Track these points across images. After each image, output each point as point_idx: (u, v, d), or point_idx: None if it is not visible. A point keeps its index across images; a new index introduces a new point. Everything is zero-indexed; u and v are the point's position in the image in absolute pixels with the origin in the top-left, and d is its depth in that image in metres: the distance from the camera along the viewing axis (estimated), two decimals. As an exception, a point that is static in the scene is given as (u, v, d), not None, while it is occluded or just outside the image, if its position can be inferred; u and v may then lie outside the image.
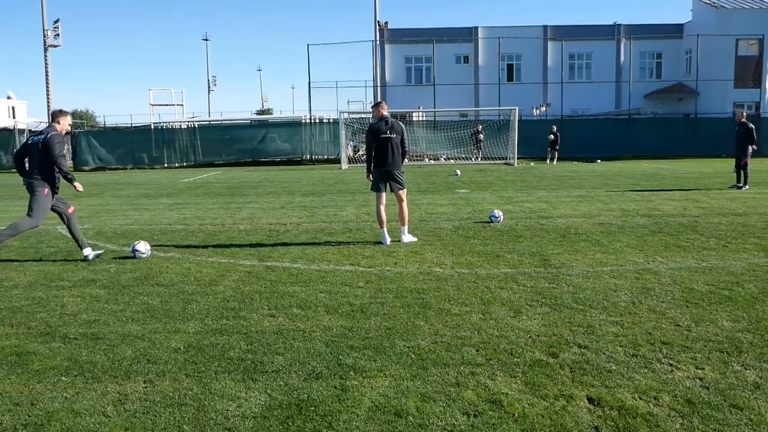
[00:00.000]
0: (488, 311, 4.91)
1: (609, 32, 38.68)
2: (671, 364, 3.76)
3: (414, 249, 7.58)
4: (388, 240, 7.99)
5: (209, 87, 68.51)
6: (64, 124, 7.22)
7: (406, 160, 8.13)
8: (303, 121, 34.82)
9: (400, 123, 8.09)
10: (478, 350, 4.05)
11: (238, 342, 4.29)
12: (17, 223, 7.00)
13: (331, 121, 34.10)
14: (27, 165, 7.12)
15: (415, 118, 34.35)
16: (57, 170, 7.04)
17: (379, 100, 8.37)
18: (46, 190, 7.03)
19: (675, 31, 38.82)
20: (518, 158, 27.56)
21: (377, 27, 38.58)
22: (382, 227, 8.10)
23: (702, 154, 30.53)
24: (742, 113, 15.36)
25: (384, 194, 8.20)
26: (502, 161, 28.62)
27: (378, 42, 38.08)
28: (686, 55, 38.06)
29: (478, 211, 11.26)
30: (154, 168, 31.64)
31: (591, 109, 37.39)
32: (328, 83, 36.40)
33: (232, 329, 4.56)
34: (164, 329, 4.60)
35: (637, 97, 37.25)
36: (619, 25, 38.71)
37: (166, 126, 36.35)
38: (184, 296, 5.53)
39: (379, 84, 38.13)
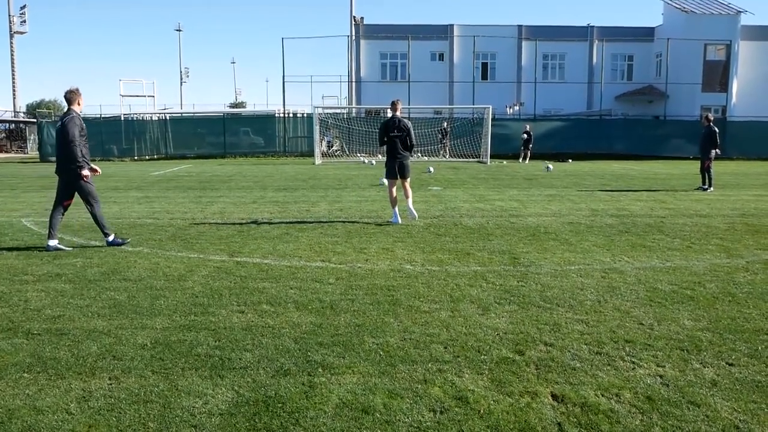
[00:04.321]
0: (457, 309, 4.96)
1: (582, 34, 39.21)
2: (633, 362, 3.85)
3: (385, 246, 7.60)
4: (399, 220, 9.42)
5: (182, 79, 67.61)
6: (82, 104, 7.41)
7: (413, 152, 9.68)
8: (277, 115, 34.63)
9: (407, 121, 9.63)
10: (446, 347, 4.09)
11: (206, 338, 4.26)
12: (95, 213, 7.50)
13: (305, 115, 33.94)
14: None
15: (389, 115, 34.31)
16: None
17: (395, 99, 10.14)
18: (84, 176, 7.33)
19: (646, 34, 39.53)
20: (491, 157, 27.79)
21: (353, 22, 38.47)
22: (393, 207, 9.53)
23: (670, 156, 31.19)
24: (708, 117, 15.72)
25: (396, 181, 9.63)
26: (475, 159, 28.83)
27: (353, 37, 37.97)
28: (656, 58, 38.78)
29: (450, 208, 11.33)
30: (123, 160, 31.08)
31: (563, 109, 37.86)
32: (303, 77, 36.32)
33: (200, 325, 4.53)
34: (131, 325, 4.55)
35: (608, 98, 37.85)
36: (592, 27, 39.25)
37: (137, 118, 35.76)
38: (151, 291, 5.47)
39: (354, 79, 38.05)
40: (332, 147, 32.88)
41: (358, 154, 30.01)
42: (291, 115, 35.04)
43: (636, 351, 4.04)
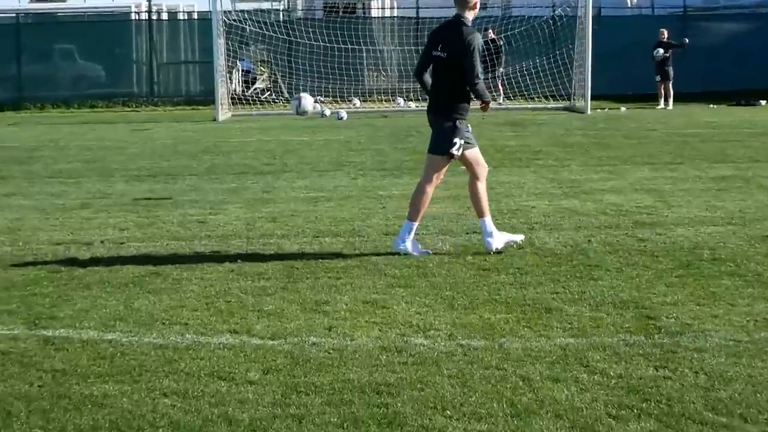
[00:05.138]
0: (528, 430, 4.89)
1: None
2: None
3: (370, 296, 7.62)
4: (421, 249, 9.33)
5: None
6: None
7: (469, 103, 9.48)
8: (134, 16, 34.64)
9: (469, 33, 9.17)
10: None
11: None
12: None
13: (197, 17, 34.02)
14: None
15: (374, 14, 34.46)
16: None
17: None
18: None
19: None
20: (593, 98, 27.82)
21: None
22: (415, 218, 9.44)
23: None
24: None
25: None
26: (560, 104, 28.86)
27: None
28: None
29: (508, 211, 11.29)
30: None
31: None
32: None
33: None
34: None
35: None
36: None
37: None
38: None
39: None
40: (255, 85, 32.91)
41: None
42: (165, 16, 35.09)
43: None
